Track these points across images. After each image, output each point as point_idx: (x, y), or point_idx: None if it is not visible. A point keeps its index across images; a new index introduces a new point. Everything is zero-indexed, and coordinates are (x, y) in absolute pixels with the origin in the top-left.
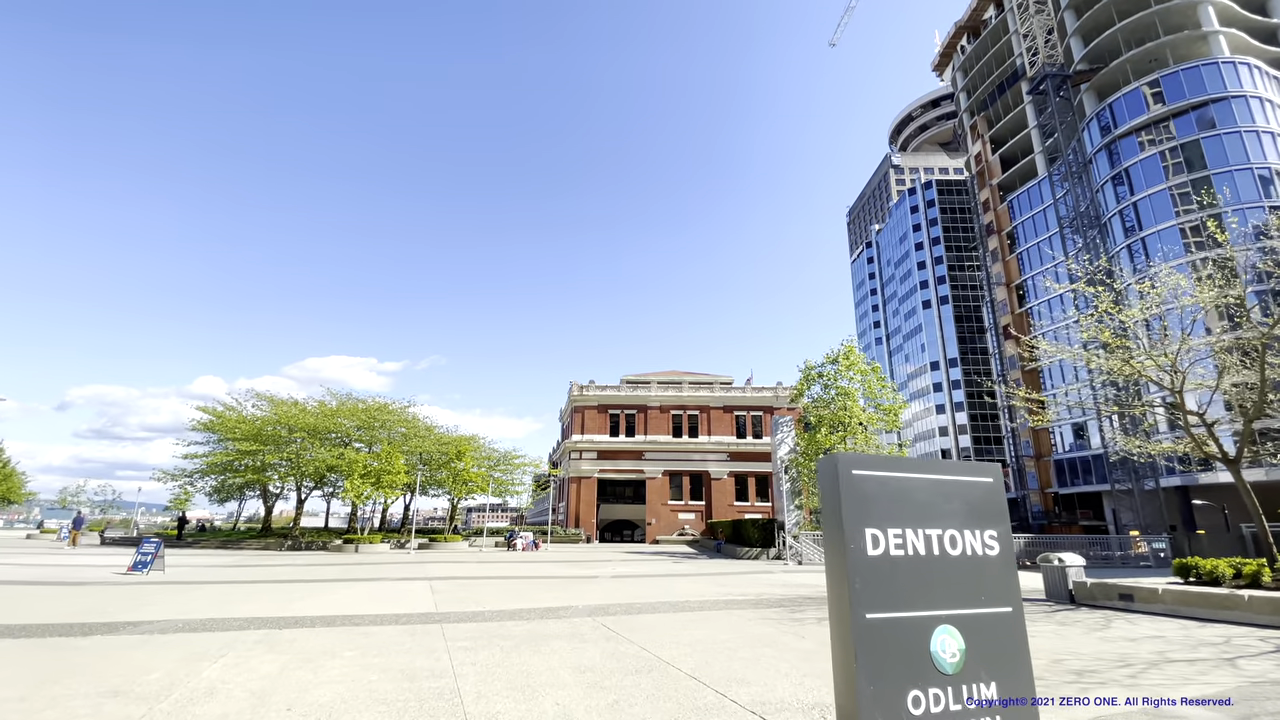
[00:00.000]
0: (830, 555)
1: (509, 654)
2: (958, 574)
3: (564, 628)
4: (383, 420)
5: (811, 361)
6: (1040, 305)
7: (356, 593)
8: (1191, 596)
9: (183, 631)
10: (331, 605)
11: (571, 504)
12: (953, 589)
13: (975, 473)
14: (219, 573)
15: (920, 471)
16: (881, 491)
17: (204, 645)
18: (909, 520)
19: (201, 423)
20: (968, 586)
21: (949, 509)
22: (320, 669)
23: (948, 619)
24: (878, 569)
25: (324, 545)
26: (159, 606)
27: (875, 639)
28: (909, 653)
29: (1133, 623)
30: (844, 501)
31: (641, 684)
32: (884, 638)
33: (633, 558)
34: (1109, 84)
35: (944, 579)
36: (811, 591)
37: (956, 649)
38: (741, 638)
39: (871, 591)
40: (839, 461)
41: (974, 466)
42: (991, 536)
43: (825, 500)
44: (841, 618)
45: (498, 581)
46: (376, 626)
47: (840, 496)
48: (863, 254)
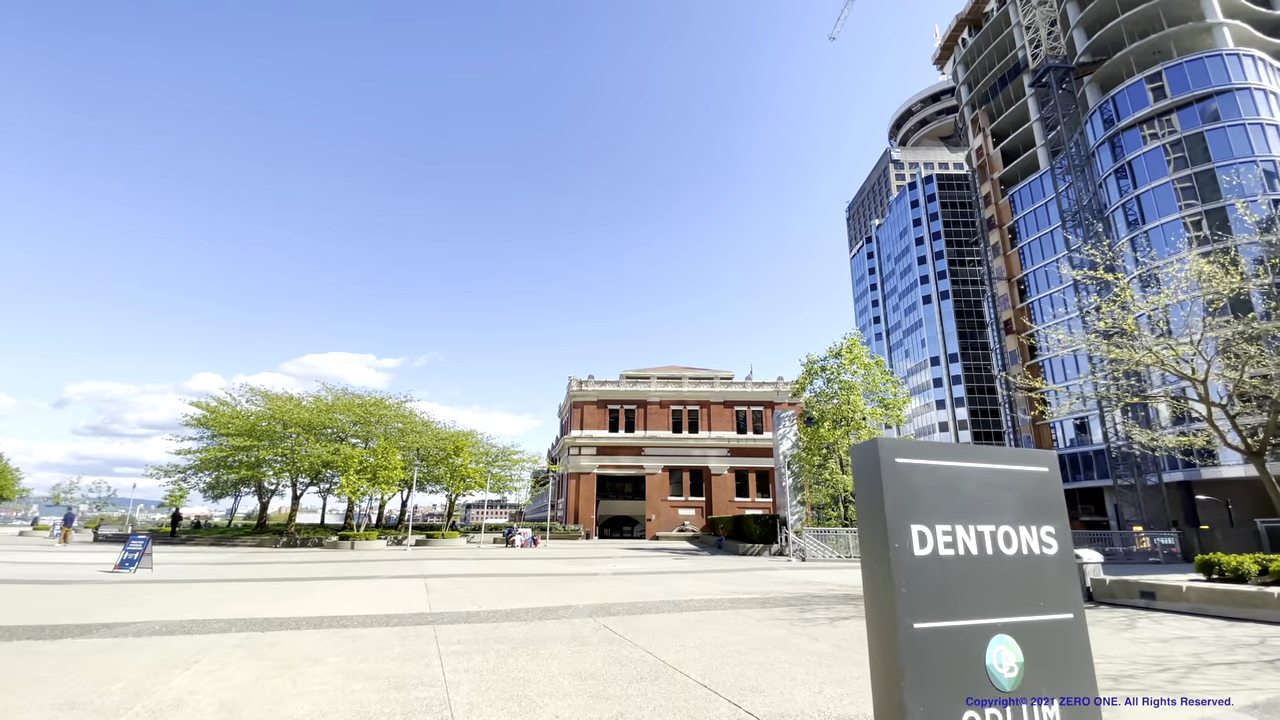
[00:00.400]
0: (869, 556)
1: (505, 659)
2: (1013, 576)
3: (563, 629)
4: (379, 415)
5: (814, 355)
6: (1042, 299)
7: (348, 592)
8: (1217, 594)
9: (159, 634)
10: (320, 605)
11: (571, 500)
12: (1008, 593)
13: (1029, 460)
14: (209, 570)
15: (969, 460)
16: (928, 483)
17: (179, 649)
18: (959, 515)
19: (195, 418)
20: (1024, 590)
21: (1001, 502)
22: (300, 677)
23: (1004, 628)
24: (926, 571)
25: (320, 542)
26: (139, 607)
27: (925, 652)
28: (963, 667)
29: (1158, 622)
30: (887, 494)
31: (648, 693)
32: (935, 650)
33: (633, 554)
34: (1112, 76)
35: (998, 582)
36: (818, 589)
37: (1014, 662)
38: (751, 640)
39: (920, 597)
40: (880, 448)
41: (1027, 453)
42: (1049, 533)
43: (863, 493)
44: (884, 627)
45: (495, 579)
46: (365, 629)
47: (882, 488)
48: (862, 249)
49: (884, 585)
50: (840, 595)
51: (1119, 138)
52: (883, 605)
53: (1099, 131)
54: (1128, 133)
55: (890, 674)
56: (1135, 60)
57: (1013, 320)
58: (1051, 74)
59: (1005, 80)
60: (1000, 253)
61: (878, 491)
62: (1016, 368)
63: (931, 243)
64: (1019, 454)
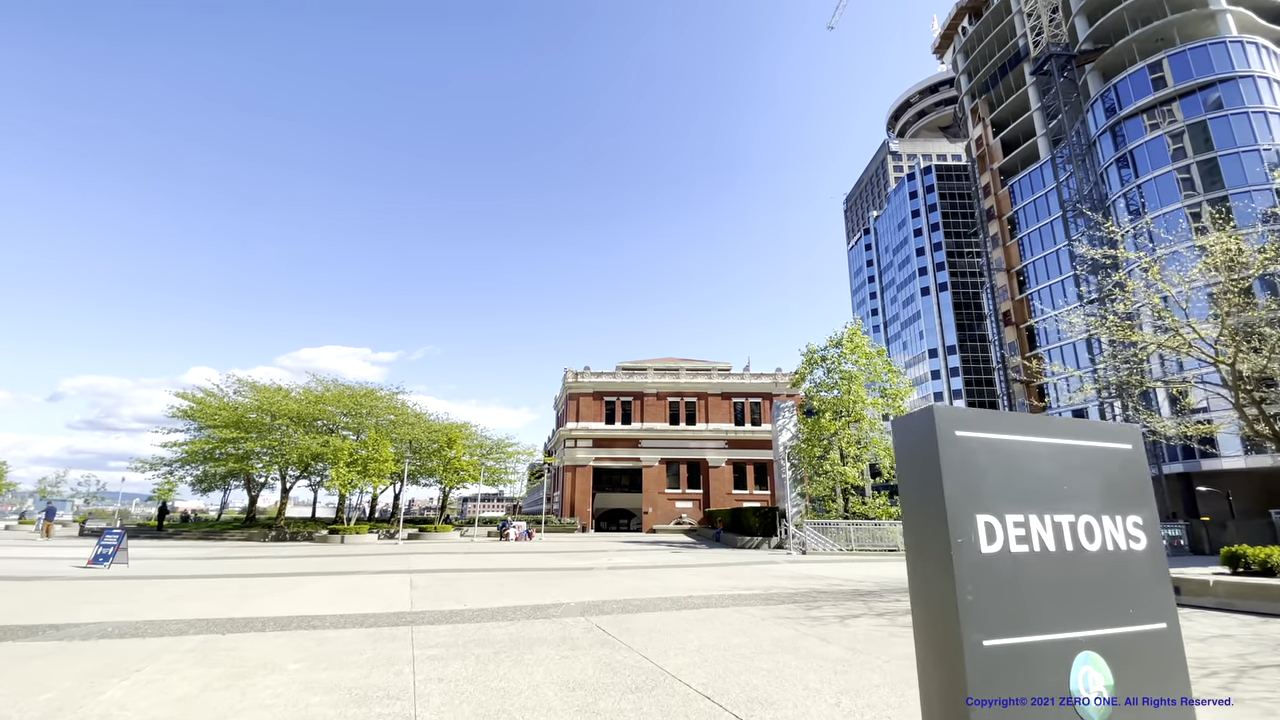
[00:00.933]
0: (921, 554)
1: (485, 666)
2: (1097, 578)
3: (552, 630)
4: (370, 407)
5: (814, 345)
6: (1041, 290)
7: (327, 589)
8: (1247, 589)
9: (110, 637)
10: (293, 603)
11: (566, 493)
12: (1093, 600)
13: (1111, 435)
14: (187, 565)
15: (1043, 433)
16: (995, 462)
17: (125, 654)
18: (1032, 503)
19: (181, 410)
20: (1111, 595)
21: (1082, 486)
22: (251, 688)
23: (1089, 643)
24: (996, 573)
25: (309, 536)
26: (100, 605)
27: (999, 677)
28: (1045, 695)
29: (1188, 619)
30: (946, 476)
31: (643, 706)
32: (1010, 674)
33: (629, 548)
34: (1114, 64)
35: (1082, 585)
36: (823, 584)
37: (1103, 685)
38: (757, 642)
39: (990, 606)
40: (938, 418)
41: (1109, 427)
42: (1136, 524)
43: (911, 474)
44: (943, 645)
45: (484, 575)
46: (337, 630)
47: (940, 468)
48: (860, 241)
49: (943, 591)
50: (847, 591)
51: (1121, 126)
52: (940, 617)
53: (1100, 120)
54: (1130, 121)
55: (952, 706)
56: (1138, 48)
57: (1012, 311)
58: (1053, 62)
59: (1005, 69)
60: (999, 244)
61: (933, 472)
62: (1015, 359)
63: (930, 234)
64: (1099, 428)
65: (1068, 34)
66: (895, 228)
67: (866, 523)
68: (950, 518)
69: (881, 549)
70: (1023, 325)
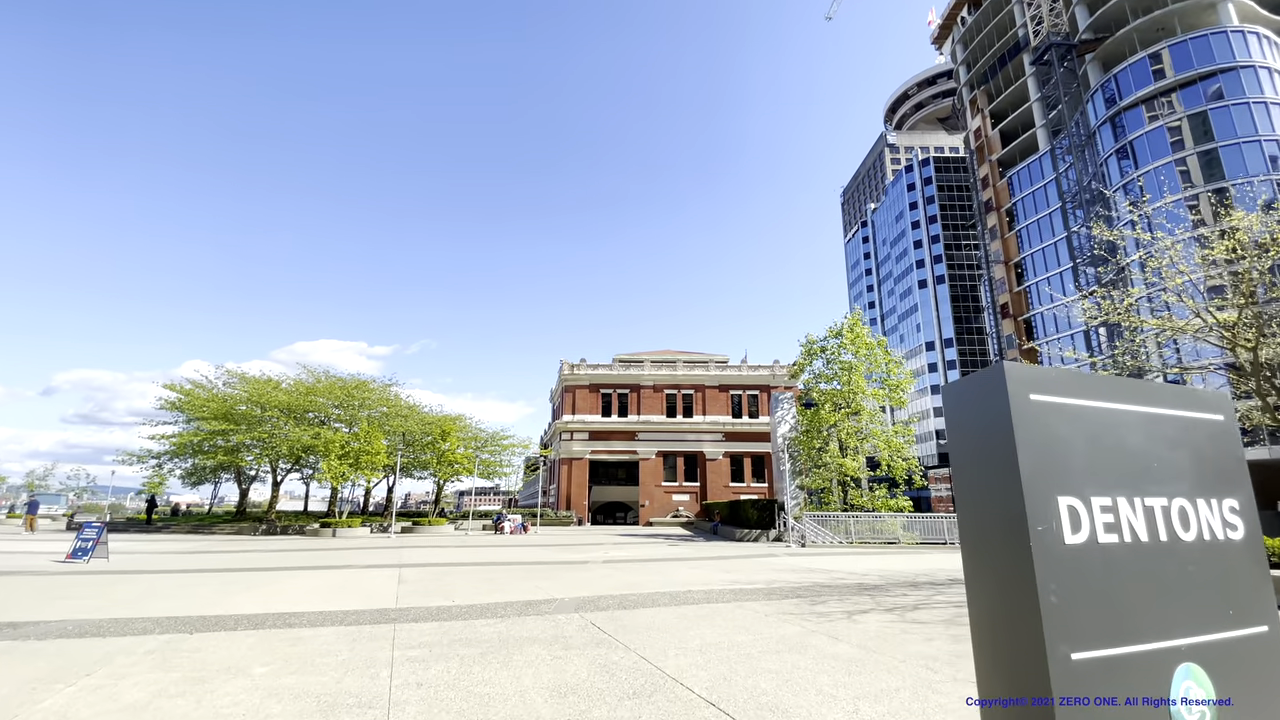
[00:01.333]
0: (987, 546)
1: (470, 668)
2: (1195, 573)
3: (544, 628)
4: (362, 399)
5: (814, 335)
6: (1040, 282)
7: (311, 583)
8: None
9: (69, 636)
10: (272, 600)
11: (562, 486)
12: (1191, 600)
13: (1200, 404)
14: (170, 560)
15: (1127, 399)
16: (1076, 433)
17: (81, 656)
18: (1119, 483)
19: (169, 401)
20: (1211, 594)
21: (1172, 463)
22: (208, 695)
23: (1189, 652)
24: (1084, 570)
25: (301, 529)
26: (68, 602)
27: (1091, 697)
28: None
29: None
30: (1022, 448)
31: (643, 713)
32: (1105, 694)
33: (626, 540)
34: (1115, 54)
35: (1179, 582)
36: (825, 578)
37: (1203, 698)
38: (761, 640)
39: (1079, 611)
40: (1009, 378)
41: (1197, 394)
42: (1232, 509)
43: (973, 447)
44: (1018, 659)
45: (476, 569)
46: (314, 629)
47: (1014, 439)
48: (857, 234)
49: (1019, 592)
50: (852, 585)
51: (1121, 117)
52: (1016, 624)
53: (1100, 111)
54: (1130, 112)
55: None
56: (1139, 37)
57: (1010, 304)
58: (1053, 51)
59: (1005, 59)
60: (998, 235)
61: (1005, 445)
62: (1013, 352)
63: (928, 226)
64: (1189, 395)
65: (1068, 23)
66: (893, 220)
67: (866, 515)
68: (1028, 500)
69: (881, 541)
70: (1021, 317)
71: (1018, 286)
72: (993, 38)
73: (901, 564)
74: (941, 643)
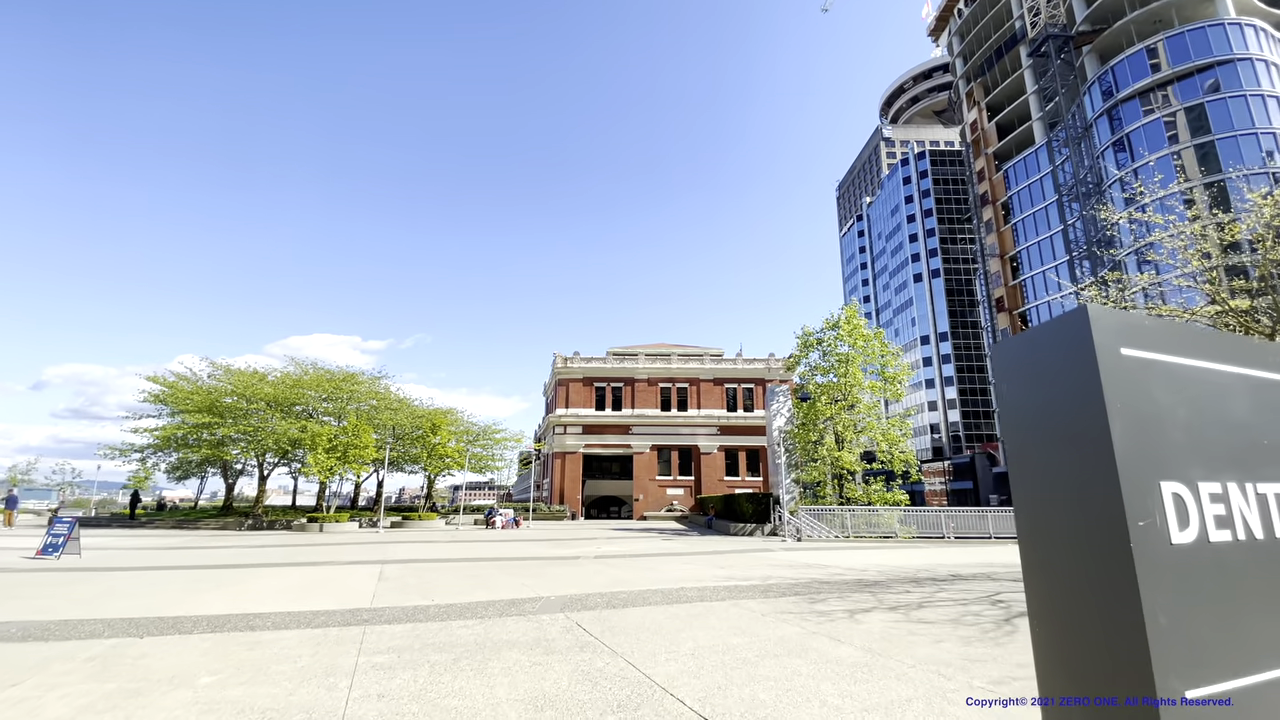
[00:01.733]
0: (1062, 545)
1: (439, 677)
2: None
3: (526, 630)
4: (350, 392)
5: (810, 328)
6: (1035, 276)
7: (285, 581)
8: None
9: (11, 640)
10: (239, 599)
11: (556, 480)
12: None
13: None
14: (144, 556)
15: (1231, 359)
16: (1179, 400)
17: (15, 662)
18: (1227, 464)
19: (152, 394)
20: None
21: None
22: (141, 709)
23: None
24: (1196, 577)
25: (288, 524)
26: (23, 601)
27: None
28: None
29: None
30: (1113, 417)
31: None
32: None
33: (619, 535)
34: (1112, 46)
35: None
36: (823, 574)
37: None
38: (759, 643)
39: (1195, 632)
40: (1095, 325)
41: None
42: None
43: (1043, 418)
44: (1111, 698)
45: (461, 565)
46: (276, 631)
47: (1104, 406)
48: (853, 227)
49: (1115, 609)
50: (851, 581)
51: (1118, 109)
52: (1111, 651)
53: (1098, 103)
54: (1127, 104)
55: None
56: (1136, 29)
57: (1005, 297)
58: (1050, 43)
59: (1001, 51)
60: (993, 229)
61: (1091, 412)
62: None
63: (923, 220)
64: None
65: (1065, 15)
66: (888, 214)
67: (862, 509)
68: (1125, 486)
69: (877, 535)
70: (1016, 311)
71: (1013, 280)
72: (989, 30)
73: (900, 559)
74: (951, 645)
